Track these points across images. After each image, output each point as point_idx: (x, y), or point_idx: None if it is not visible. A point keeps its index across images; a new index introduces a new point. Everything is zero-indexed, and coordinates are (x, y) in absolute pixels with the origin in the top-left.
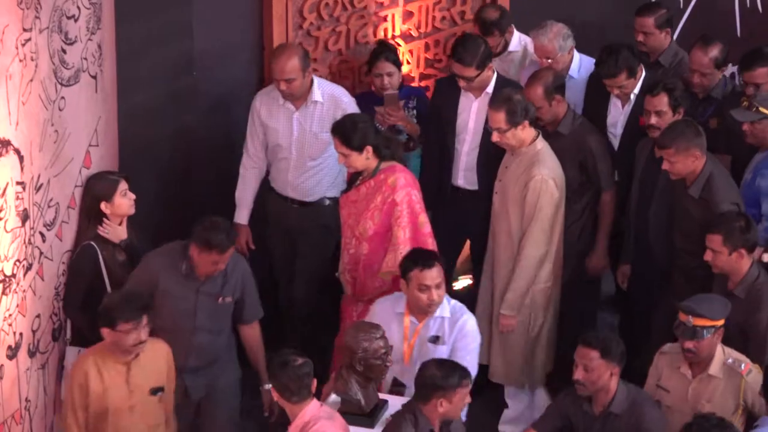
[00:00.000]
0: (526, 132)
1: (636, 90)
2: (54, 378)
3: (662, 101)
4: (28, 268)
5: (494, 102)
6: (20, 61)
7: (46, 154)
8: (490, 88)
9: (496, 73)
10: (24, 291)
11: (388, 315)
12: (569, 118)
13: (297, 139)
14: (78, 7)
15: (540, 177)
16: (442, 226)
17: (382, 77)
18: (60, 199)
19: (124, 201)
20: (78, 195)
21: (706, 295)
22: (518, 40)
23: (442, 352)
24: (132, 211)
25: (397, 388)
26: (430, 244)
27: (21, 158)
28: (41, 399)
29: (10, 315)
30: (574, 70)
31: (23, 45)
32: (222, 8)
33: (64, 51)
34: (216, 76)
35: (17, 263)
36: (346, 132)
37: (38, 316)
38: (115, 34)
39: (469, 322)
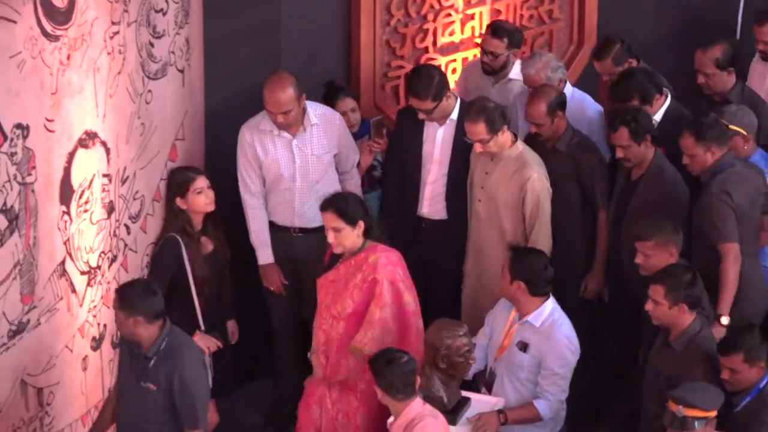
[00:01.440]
0: (505, 136)
1: (657, 117)
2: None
3: (623, 135)
4: (113, 259)
5: (471, 114)
6: (108, 54)
7: (132, 147)
8: (454, 115)
9: (459, 100)
10: (108, 282)
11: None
12: (567, 136)
13: (300, 166)
14: (166, 1)
15: (536, 176)
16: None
17: (347, 115)
18: (145, 191)
19: (198, 198)
20: (163, 188)
21: (699, 383)
22: (518, 69)
23: (525, 360)
24: (210, 208)
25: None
26: (414, 323)
27: (108, 151)
28: None
29: (94, 306)
30: None
31: (111, 38)
32: (310, 4)
33: (151, 44)
34: (302, 71)
35: (102, 255)
36: (340, 205)
37: None
38: (202, 28)
39: (561, 340)
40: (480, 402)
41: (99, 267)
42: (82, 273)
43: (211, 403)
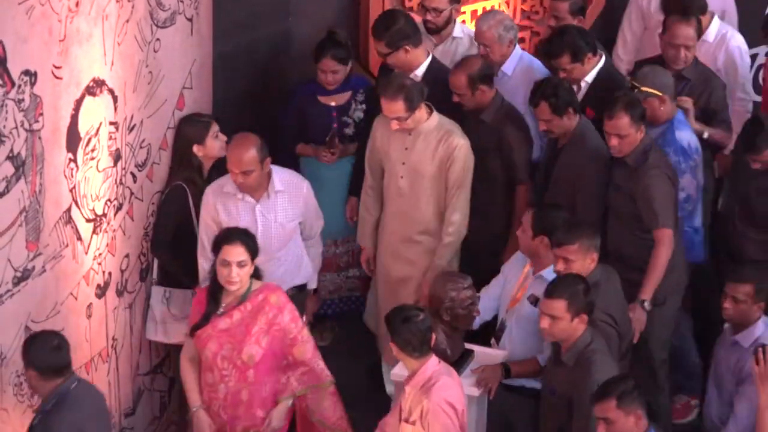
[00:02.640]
0: (421, 111)
1: (588, 78)
2: (140, 317)
3: (544, 110)
4: (119, 208)
5: (389, 92)
6: (117, 1)
7: (139, 95)
8: (420, 71)
9: (431, 56)
10: (114, 231)
11: (519, 262)
12: (493, 107)
13: (262, 232)
14: None
15: (463, 142)
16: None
17: (326, 74)
18: (152, 140)
19: (215, 143)
20: (170, 137)
21: None
22: (461, 28)
23: (534, 314)
24: (223, 153)
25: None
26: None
27: (115, 98)
28: (127, 338)
29: (99, 254)
30: (508, 67)
31: None
32: None
33: None
34: (311, 20)
35: (108, 203)
36: (249, 239)
37: (127, 255)
38: None
39: None
40: (484, 355)
41: (105, 215)
42: (88, 221)
43: None
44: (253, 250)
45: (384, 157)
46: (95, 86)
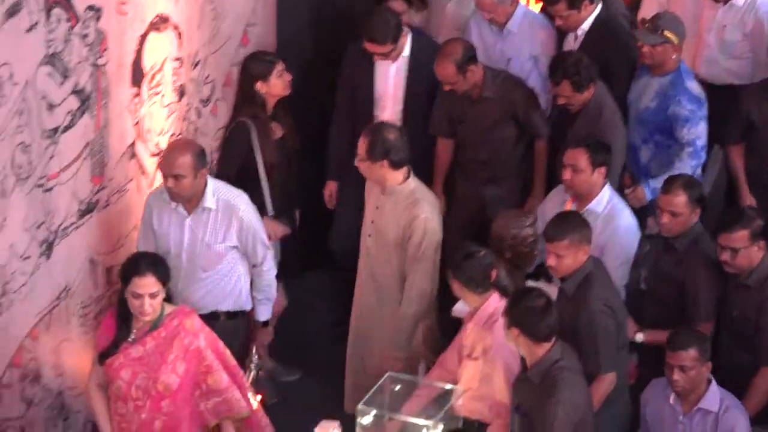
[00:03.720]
0: (385, 171)
1: (585, 26)
2: None
3: (566, 88)
4: None
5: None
6: None
7: (204, 32)
8: (406, 52)
9: (410, 34)
10: None
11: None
12: (489, 80)
13: (188, 248)
14: None
15: (424, 217)
16: (353, 199)
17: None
18: (216, 76)
19: (279, 81)
20: (234, 73)
21: None
22: None
23: None
24: (287, 91)
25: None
26: (242, 375)
27: (179, 34)
28: None
29: None
30: (513, 24)
31: None
32: None
33: None
34: None
35: (172, 137)
36: (159, 268)
37: None
38: None
39: (623, 226)
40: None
41: None
42: (152, 155)
43: (280, 286)
44: (165, 278)
45: (365, 209)
46: (160, 22)
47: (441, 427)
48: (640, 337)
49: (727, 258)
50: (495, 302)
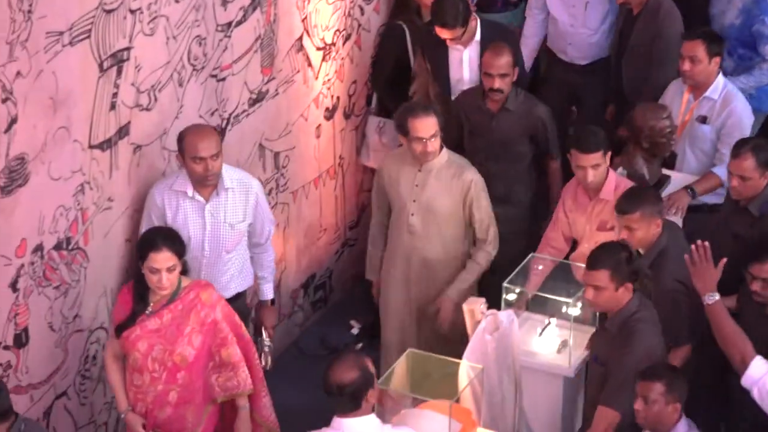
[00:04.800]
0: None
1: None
2: (360, 140)
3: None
4: (347, 37)
5: (422, 110)
6: None
7: None
8: (477, 35)
9: (478, 19)
10: (342, 58)
11: (678, 86)
12: (513, 94)
13: (211, 233)
14: None
15: (477, 179)
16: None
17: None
18: None
19: None
20: None
21: None
22: None
23: (706, 131)
24: None
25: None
26: (254, 351)
27: None
28: (353, 158)
29: (329, 80)
30: None
31: None
32: None
33: None
34: None
35: (337, 33)
36: (176, 241)
37: (354, 82)
38: None
39: (739, 107)
40: (676, 179)
41: (334, 44)
42: (318, 49)
43: None
44: (180, 251)
45: (393, 196)
46: None
47: (580, 304)
48: (711, 299)
49: (758, 288)
50: (614, 178)
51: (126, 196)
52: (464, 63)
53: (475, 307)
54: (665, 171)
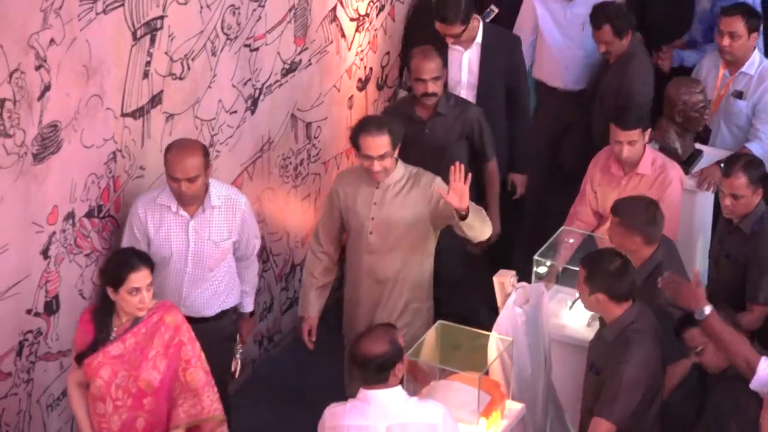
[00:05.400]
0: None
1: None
2: None
3: (606, 32)
4: (381, 9)
5: (375, 127)
6: None
7: None
8: (479, 38)
9: (481, 21)
10: (376, 30)
11: (713, 61)
12: (444, 99)
13: (194, 251)
14: None
15: (438, 179)
16: None
17: None
18: None
19: None
20: None
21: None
22: None
23: (742, 107)
24: None
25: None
26: (211, 379)
27: None
28: None
29: (362, 50)
30: None
31: None
32: None
33: None
34: None
35: (371, 4)
36: (149, 259)
37: (387, 53)
38: None
39: None
40: (708, 154)
41: (367, 15)
42: (352, 19)
43: None
44: (153, 268)
45: (349, 215)
46: None
47: None
48: (702, 314)
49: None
50: (651, 153)
51: (158, 165)
52: (464, 65)
53: (506, 279)
54: (698, 145)
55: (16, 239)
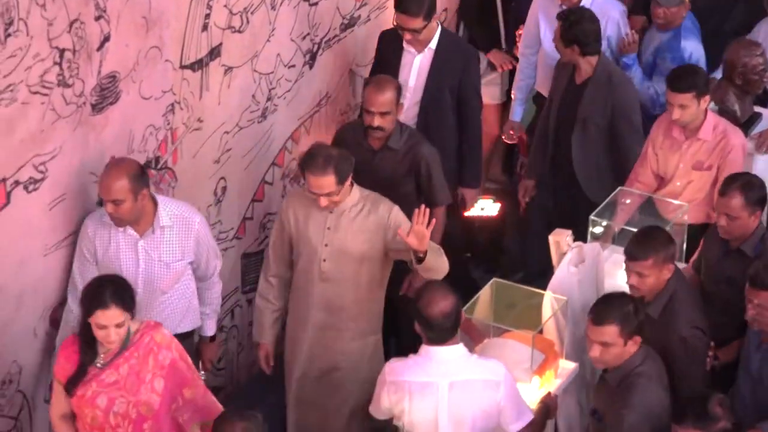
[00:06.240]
0: (346, 190)
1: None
2: None
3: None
4: None
5: (317, 166)
6: None
7: None
8: (433, 44)
9: (440, 27)
10: None
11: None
12: (398, 132)
13: (144, 271)
14: None
15: (395, 208)
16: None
17: None
18: None
19: None
20: None
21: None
22: None
23: None
24: None
25: None
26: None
27: None
28: None
29: None
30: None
31: None
32: None
33: None
34: None
35: None
36: (125, 295)
37: (445, 10)
38: None
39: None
40: (766, 117)
41: None
42: None
43: None
44: (130, 305)
45: (300, 240)
46: None
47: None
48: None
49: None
50: (713, 118)
51: (215, 118)
52: (413, 69)
53: (561, 238)
54: (757, 108)
55: (74, 189)
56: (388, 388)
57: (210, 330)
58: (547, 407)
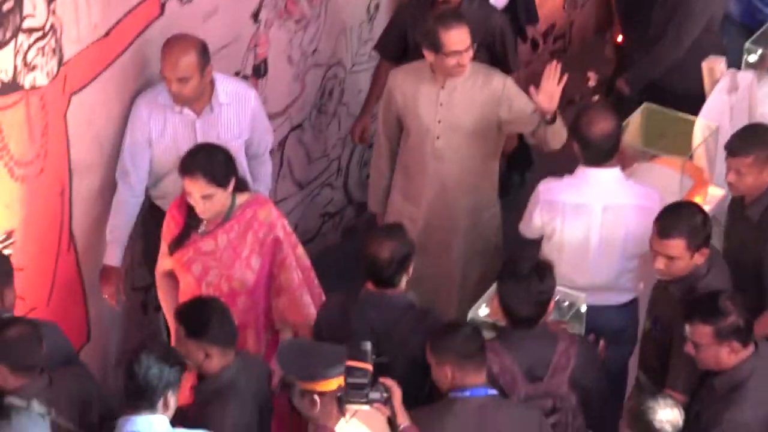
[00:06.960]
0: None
1: None
2: None
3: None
4: None
5: (456, 20)
6: None
7: None
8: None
9: None
10: None
11: None
12: (466, 2)
13: None
14: None
15: (509, 80)
16: None
17: None
18: None
19: None
20: None
21: None
22: None
23: None
24: None
25: None
26: (313, 277)
27: None
28: None
29: None
30: None
31: None
32: None
33: None
34: None
35: None
36: (210, 168)
37: None
38: None
39: None
40: None
41: None
42: None
43: None
44: (221, 179)
45: (410, 118)
46: None
47: None
48: None
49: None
50: None
51: None
52: None
53: (715, 65)
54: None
55: (227, 1)
56: (541, 207)
57: None
58: None
